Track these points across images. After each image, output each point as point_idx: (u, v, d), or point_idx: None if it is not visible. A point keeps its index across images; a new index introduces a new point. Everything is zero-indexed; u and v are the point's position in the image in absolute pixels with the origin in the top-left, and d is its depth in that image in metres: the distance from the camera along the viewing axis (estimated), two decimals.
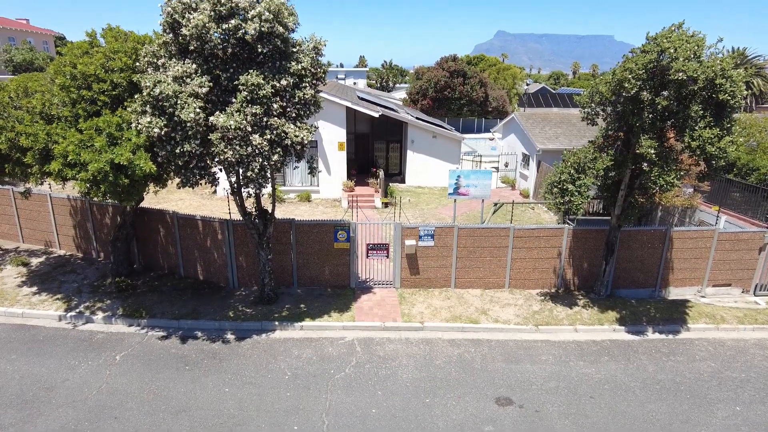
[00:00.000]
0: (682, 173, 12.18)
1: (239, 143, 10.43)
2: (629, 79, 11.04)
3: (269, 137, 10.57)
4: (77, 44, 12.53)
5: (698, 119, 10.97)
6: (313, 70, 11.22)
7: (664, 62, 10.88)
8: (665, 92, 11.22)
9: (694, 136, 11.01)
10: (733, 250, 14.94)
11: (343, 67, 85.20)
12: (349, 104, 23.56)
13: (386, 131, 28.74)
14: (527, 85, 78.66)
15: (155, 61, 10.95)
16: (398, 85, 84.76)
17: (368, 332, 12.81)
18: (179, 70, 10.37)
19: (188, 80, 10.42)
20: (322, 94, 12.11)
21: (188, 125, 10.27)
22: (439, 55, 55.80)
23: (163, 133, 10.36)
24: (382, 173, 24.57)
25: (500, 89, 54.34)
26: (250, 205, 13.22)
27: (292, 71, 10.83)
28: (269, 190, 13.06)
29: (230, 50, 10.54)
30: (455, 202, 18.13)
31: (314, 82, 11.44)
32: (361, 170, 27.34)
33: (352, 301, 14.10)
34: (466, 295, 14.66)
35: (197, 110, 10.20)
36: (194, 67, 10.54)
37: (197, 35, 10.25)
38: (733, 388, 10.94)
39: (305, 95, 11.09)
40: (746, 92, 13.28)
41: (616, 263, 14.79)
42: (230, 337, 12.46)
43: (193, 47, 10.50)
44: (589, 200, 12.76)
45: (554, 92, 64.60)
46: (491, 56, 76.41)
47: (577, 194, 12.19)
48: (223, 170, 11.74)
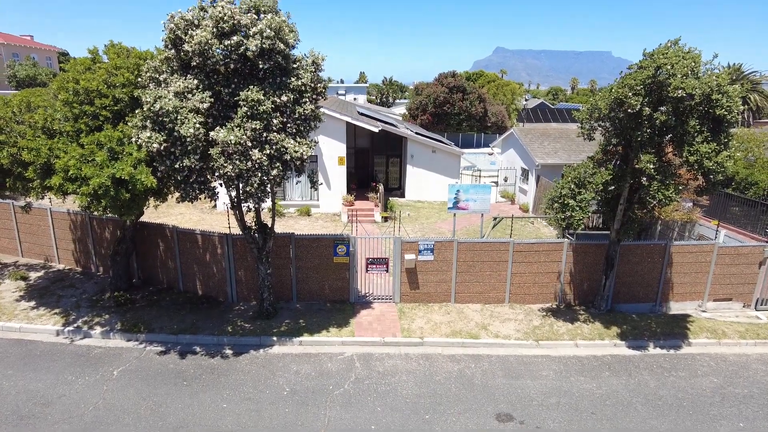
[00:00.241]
0: (680, 187, 12.22)
1: (239, 158, 10.49)
2: (629, 96, 11.15)
3: (269, 152, 10.63)
4: (80, 60, 12.69)
5: (696, 134, 11.06)
6: (313, 85, 11.33)
7: (661, 78, 11.00)
8: (663, 107, 11.33)
9: (691, 150, 11.09)
10: (733, 264, 14.93)
11: (343, 83, 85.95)
12: (349, 119, 23.73)
13: (386, 146, 28.90)
14: (526, 100, 79.27)
15: (157, 76, 11.07)
16: (398, 100, 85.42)
17: (367, 347, 12.72)
18: (181, 85, 10.48)
19: (189, 96, 10.52)
20: (322, 109, 12.22)
21: (188, 140, 10.34)
22: (438, 71, 56.35)
23: (162, 148, 10.43)
24: (381, 187, 24.65)
25: (499, 105, 54.75)
26: (249, 219, 13.24)
27: (292, 87, 10.94)
28: (269, 204, 13.10)
29: (232, 66, 10.66)
30: (455, 216, 18.15)
31: (314, 97, 11.55)
32: (360, 185, 27.43)
33: (351, 316, 14.03)
34: (466, 309, 14.59)
35: (197, 126, 10.29)
36: (195, 82, 10.65)
37: (199, 51, 10.37)
38: (736, 404, 10.84)
39: (305, 111, 11.19)
40: (743, 107, 13.40)
41: (616, 278, 14.75)
42: (229, 352, 12.38)
43: (195, 63, 10.62)
44: (589, 215, 12.79)
45: (553, 107, 65.09)
46: (490, 72, 77.21)
47: (578, 209, 12.23)
48: (223, 185, 11.78)
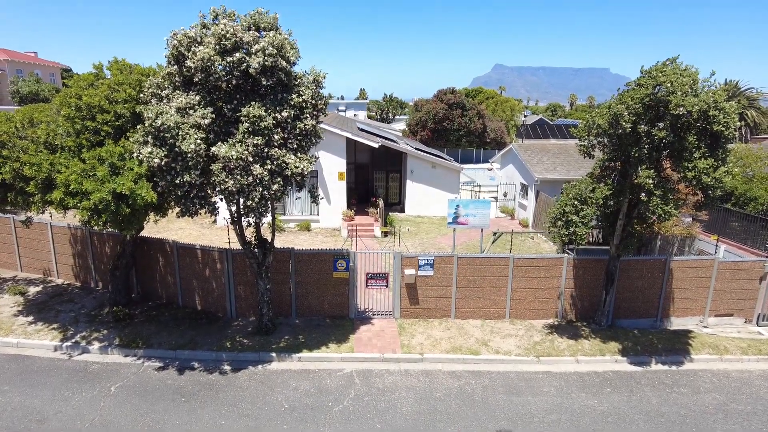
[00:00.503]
0: (679, 203, 12.26)
1: (240, 173, 10.55)
2: (624, 114, 11.27)
3: (270, 167, 10.70)
4: (83, 76, 12.83)
5: (694, 150, 11.14)
6: (313, 102, 11.44)
7: (660, 95, 11.11)
8: (661, 123, 11.43)
9: (690, 166, 11.16)
10: (733, 279, 14.89)
11: (343, 99, 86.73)
12: (349, 135, 23.89)
13: (386, 161, 29.04)
14: (525, 116, 79.84)
15: (159, 92, 11.19)
16: (398, 116, 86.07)
17: (367, 364, 12.62)
18: (183, 101, 10.59)
19: (191, 111, 10.62)
20: (322, 125, 12.33)
21: (189, 156, 10.40)
22: (437, 87, 57.01)
23: (163, 163, 10.48)
24: (381, 203, 24.70)
25: (498, 121, 55.17)
26: (249, 234, 13.25)
27: (293, 103, 11.05)
28: (269, 219, 13.12)
29: (234, 82, 10.79)
30: (454, 231, 18.16)
31: (315, 113, 11.65)
32: (360, 200, 27.49)
33: (351, 331, 13.95)
34: (466, 325, 14.51)
35: (198, 141, 10.36)
36: (197, 98, 10.76)
37: (202, 67, 10.50)
38: (739, 421, 10.72)
39: (306, 126, 11.28)
40: (740, 123, 13.52)
41: (616, 293, 14.71)
42: (227, 368, 12.28)
43: (197, 79, 10.74)
44: (590, 230, 12.82)
45: (552, 123, 65.55)
46: (489, 89, 77.95)
47: (581, 225, 12.26)
48: (223, 200, 11.82)
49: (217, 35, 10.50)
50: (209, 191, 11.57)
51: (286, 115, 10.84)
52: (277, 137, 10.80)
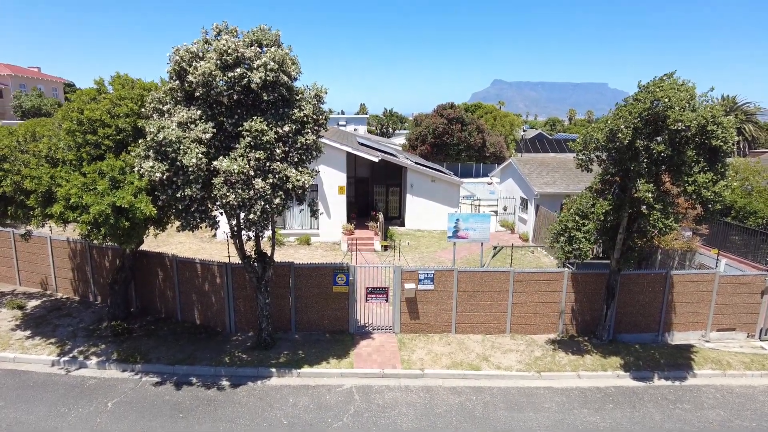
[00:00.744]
0: (679, 216, 12.27)
1: (241, 187, 10.57)
2: (622, 128, 11.34)
3: (272, 181, 10.73)
4: (86, 91, 12.93)
5: (693, 164, 11.19)
6: (314, 116, 11.52)
7: (658, 110, 11.20)
8: (659, 138, 11.49)
9: (689, 180, 11.19)
10: (735, 293, 14.83)
11: (344, 114, 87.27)
12: (349, 149, 23.99)
13: (386, 175, 29.11)
14: (524, 131, 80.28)
15: (161, 107, 11.27)
16: (398, 131, 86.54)
17: (367, 379, 12.50)
18: (184, 116, 10.66)
19: (192, 126, 10.68)
20: (323, 139, 12.40)
21: (190, 170, 10.44)
22: (437, 102, 57.33)
23: (165, 177, 10.52)
24: (381, 216, 24.70)
25: (497, 135, 55.43)
26: (249, 248, 13.23)
27: (294, 118, 11.12)
28: (269, 233, 13.11)
29: (235, 97, 10.87)
30: (455, 245, 18.13)
31: (316, 128, 11.73)
32: (360, 213, 27.50)
33: (350, 346, 13.85)
34: (467, 340, 14.41)
35: (199, 155, 10.41)
36: (199, 113, 10.84)
37: (203, 82, 10.59)
38: None
39: (307, 141, 11.34)
40: (738, 138, 13.59)
41: (617, 307, 14.64)
42: (226, 383, 12.16)
43: (198, 94, 10.82)
44: (593, 246, 12.82)
45: (551, 138, 65.90)
46: (488, 104, 78.48)
47: (584, 240, 12.26)
48: (223, 213, 11.83)
49: (218, 51, 10.61)
50: (210, 205, 11.59)
51: (287, 129, 10.90)
52: (278, 151, 10.85)
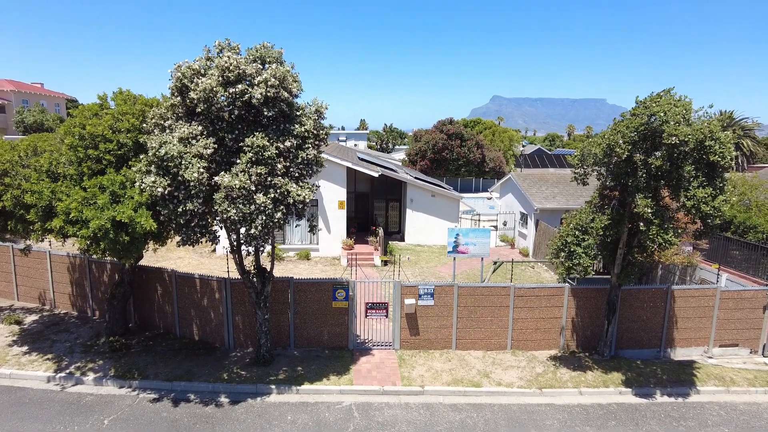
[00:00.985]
0: (679, 231, 12.27)
1: (242, 202, 10.59)
2: (620, 143, 11.40)
3: (273, 196, 10.75)
4: (88, 106, 13.03)
5: (691, 179, 11.22)
6: (315, 132, 11.59)
7: (654, 125, 11.28)
8: (657, 153, 11.55)
9: (688, 195, 11.22)
10: (737, 308, 14.76)
11: (344, 129, 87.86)
12: (349, 164, 24.09)
13: (386, 190, 29.19)
14: (523, 146, 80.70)
15: (162, 122, 11.34)
16: (397, 146, 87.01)
17: (366, 396, 12.37)
18: (185, 131, 10.72)
19: (194, 141, 10.74)
20: (323, 154, 12.45)
21: (191, 185, 10.47)
22: (436, 118, 57.72)
23: (166, 192, 10.55)
24: (381, 231, 24.69)
25: (497, 151, 55.71)
26: (248, 263, 13.19)
27: (295, 133, 11.18)
28: (268, 248, 13.09)
29: (236, 113, 10.95)
30: (455, 260, 18.08)
31: (316, 143, 11.79)
32: (360, 228, 27.49)
33: (350, 363, 13.72)
34: (467, 357, 14.29)
35: (201, 170, 10.45)
36: (200, 128, 10.90)
37: (205, 98, 10.68)
38: None
39: (308, 156, 11.39)
40: (736, 153, 13.67)
41: (618, 323, 14.54)
42: (224, 400, 12.02)
43: (200, 110, 10.90)
44: (594, 261, 12.79)
45: (550, 153, 66.23)
46: (487, 119, 79.03)
47: (584, 256, 12.24)
48: (223, 228, 11.82)
49: (220, 67, 10.72)
50: (210, 220, 11.59)
51: (288, 144, 10.96)
52: (279, 166, 10.89)
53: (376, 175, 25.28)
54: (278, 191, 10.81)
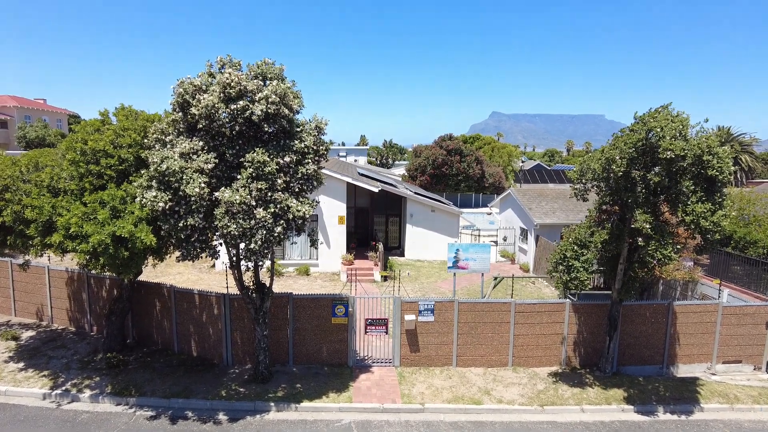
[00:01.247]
0: (679, 246, 12.26)
1: (242, 217, 10.60)
2: (617, 159, 11.46)
3: (273, 211, 10.76)
4: (90, 122, 13.12)
5: (690, 194, 11.25)
6: (315, 147, 11.66)
7: (652, 140, 11.34)
8: (656, 168, 11.60)
9: (687, 210, 11.23)
10: (739, 324, 14.66)
11: (344, 145, 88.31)
12: (349, 180, 24.16)
13: (386, 205, 29.22)
14: (522, 162, 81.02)
15: (163, 138, 11.41)
16: (397, 162, 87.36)
17: (366, 414, 12.21)
18: (186, 147, 10.78)
19: (194, 157, 10.79)
20: (323, 170, 12.51)
21: (193, 199, 10.50)
22: (436, 134, 58.17)
23: (167, 207, 10.56)
24: (381, 246, 24.65)
25: (496, 166, 55.93)
26: (248, 279, 13.15)
27: (295, 149, 11.24)
28: (268, 263, 13.06)
29: (237, 129, 11.02)
30: (455, 275, 18.03)
31: (317, 158, 11.85)
32: (360, 243, 27.45)
33: (349, 380, 13.58)
34: (468, 373, 14.15)
35: (202, 185, 10.48)
36: (201, 144, 10.97)
37: (206, 114, 10.76)
38: None
39: (308, 171, 11.44)
40: (734, 168, 13.72)
41: (620, 339, 14.44)
42: (222, 417, 11.87)
43: (201, 125, 10.98)
44: (591, 275, 12.76)
45: (549, 169, 66.48)
46: (486, 135, 79.45)
47: (582, 270, 12.21)
48: (223, 244, 11.81)
49: (222, 84, 10.82)
50: (210, 235, 11.58)
51: (288, 160, 11.01)
52: (279, 181, 10.93)
53: (376, 190, 25.34)
54: (278, 206, 10.83)
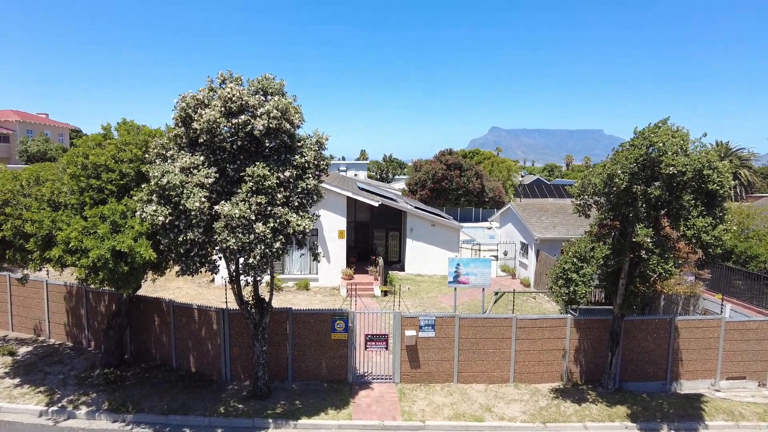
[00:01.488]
0: (680, 261, 12.22)
1: (242, 231, 10.57)
2: (619, 173, 11.48)
3: (272, 225, 10.74)
4: (92, 136, 13.16)
5: (691, 208, 11.25)
6: (316, 162, 11.68)
7: (653, 155, 11.37)
8: (657, 182, 11.61)
9: (688, 224, 11.22)
10: (742, 340, 14.54)
11: (344, 159, 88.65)
12: (349, 194, 24.18)
13: (386, 220, 29.20)
14: (522, 176, 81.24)
15: (164, 152, 11.43)
16: (397, 176, 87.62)
17: None
18: (187, 161, 10.80)
19: (195, 171, 10.80)
20: (324, 184, 12.52)
21: (192, 214, 10.48)
22: (436, 149, 58.38)
23: (167, 221, 10.54)
24: (381, 261, 24.57)
25: (496, 181, 56.09)
26: (247, 293, 13.07)
27: (296, 164, 11.26)
28: (267, 278, 12.99)
29: (238, 143, 11.05)
30: (455, 290, 17.92)
31: (317, 173, 11.86)
32: (360, 258, 27.36)
33: (349, 397, 13.42)
34: (469, 390, 13.98)
35: (202, 199, 10.47)
36: (202, 159, 10.98)
37: (207, 129, 10.80)
38: None
39: (308, 185, 11.44)
40: (734, 183, 13.76)
41: (622, 354, 14.30)
42: None
43: (202, 140, 11.02)
44: (591, 289, 12.69)
45: (549, 183, 66.67)
46: (486, 150, 79.84)
47: (581, 283, 12.15)
48: (223, 258, 11.76)
49: (223, 98, 10.88)
50: (210, 249, 11.54)
51: (288, 174, 11.03)
52: (279, 196, 10.93)
53: (376, 204, 25.34)
54: (278, 221, 10.81)
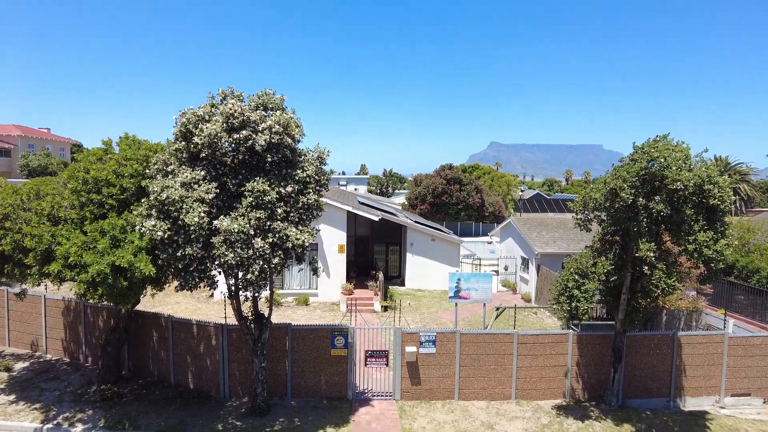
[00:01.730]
0: (682, 276, 12.16)
1: (241, 246, 10.53)
2: (624, 187, 11.47)
3: (271, 240, 10.70)
4: (93, 151, 13.19)
5: (692, 223, 11.23)
6: (316, 177, 11.69)
7: (654, 170, 11.38)
8: (657, 197, 11.61)
9: (690, 239, 11.19)
10: (746, 356, 14.39)
11: (345, 174, 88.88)
12: (349, 209, 24.17)
13: (386, 234, 29.15)
14: (522, 191, 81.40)
15: (165, 167, 11.44)
16: (397, 191, 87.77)
17: None
18: (188, 176, 10.80)
19: (195, 186, 10.80)
20: (324, 199, 12.52)
21: (191, 229, 10.45)
22: (436, 163, 58.81)
23: (166, 236, 10.51)
24: (381, 276, 24.45)
25: (496, 195, 56.15)
26: (246, 309, 12.97)
27: (297, 178, 11.28)
28: (267, 293, 12.91)
29: (239, 158, 11.07)
30: (456, 305, 17.81)
31: (318, 188, 11.87)
32: (360, 272, 27.25)
33: (349, 414, 13.23)
34: (470, 407, 13.80)
35: (201, 214, 10.45)
36: (203, 173, 10.99)
37: (209, 144, 10.83)
38: None
39: (308, 200, 11.44)
40: (735, 197, 13.76)
41: (625, 370, 14.15)
42: None
43: (203, 155, 11.04)
44: (593, 305, 12.61)
45: (549, 198, 66.69)
46: (486, 165, 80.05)
47: (583, 299, 12.07)
48: (222, 273, 11.69)
49: (225, 114, 10.93)
50: (209, 264, 11.49)
51: (290, 189, 11.03)
52: (279, 211, 10.91)
53: (376, 219, 25.32)
54: (277, 236, 10.78)
